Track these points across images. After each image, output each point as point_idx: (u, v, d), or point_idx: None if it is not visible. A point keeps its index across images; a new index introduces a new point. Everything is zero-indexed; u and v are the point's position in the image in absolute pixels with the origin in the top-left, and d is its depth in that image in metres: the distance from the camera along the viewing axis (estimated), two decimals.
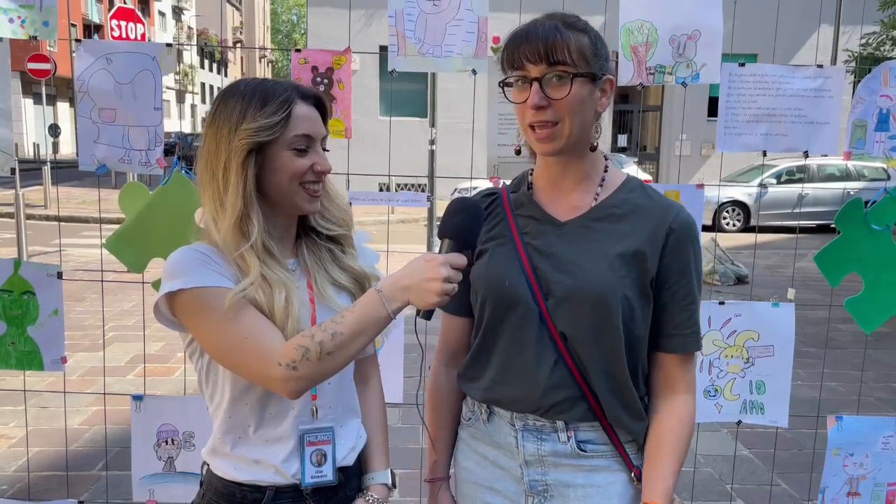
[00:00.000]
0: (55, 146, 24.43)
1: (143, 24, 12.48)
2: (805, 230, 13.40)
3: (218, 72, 61.02)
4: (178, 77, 48.27)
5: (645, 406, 1.41)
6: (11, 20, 2.20)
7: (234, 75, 61.52)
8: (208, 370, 1.37)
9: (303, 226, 1.44)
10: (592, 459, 1.38)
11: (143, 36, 12.64)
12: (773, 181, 14.06)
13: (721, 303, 2.44)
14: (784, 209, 13.76)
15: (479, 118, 2.65)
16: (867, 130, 2.33)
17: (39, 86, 17.77)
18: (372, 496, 1.46)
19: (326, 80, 2.32)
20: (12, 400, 4.28)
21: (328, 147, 1.42)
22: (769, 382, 2.44)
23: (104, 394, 2.73)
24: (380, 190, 13.65)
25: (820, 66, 2.33)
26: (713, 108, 2.51)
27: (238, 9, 64.77)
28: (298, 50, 2.32)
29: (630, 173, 1.48)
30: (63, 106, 31.66)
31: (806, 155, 2.39)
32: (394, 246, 2.99)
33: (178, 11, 52.01)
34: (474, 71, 2.30)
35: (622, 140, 19.11)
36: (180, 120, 49.41)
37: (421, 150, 11.32)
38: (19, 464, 3.71)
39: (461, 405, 1.55)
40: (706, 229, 12.17)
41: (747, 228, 13.93)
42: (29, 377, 2.82)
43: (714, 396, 2.45)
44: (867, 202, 2.37)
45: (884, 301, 2.37)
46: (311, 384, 1.29)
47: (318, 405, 1.39)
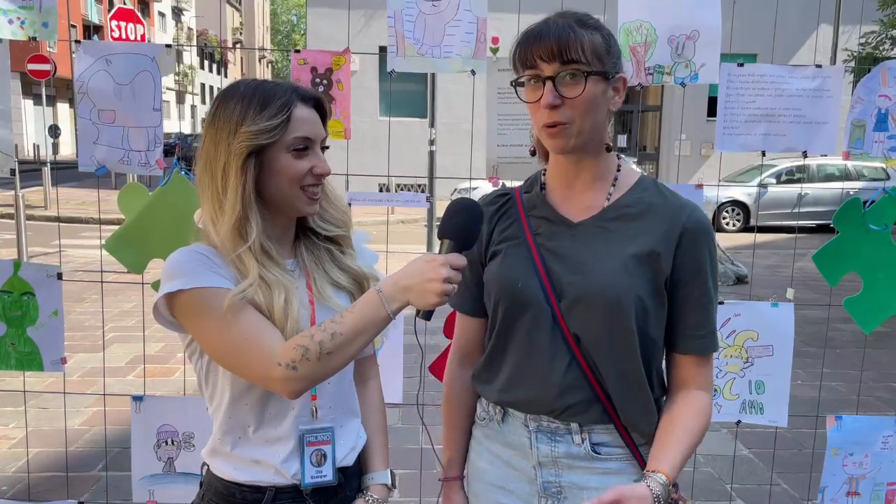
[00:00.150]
0: (55, 147, 24.43)
1: (143, 25, 12.49)
2: (804, 230, 13.40)
3: (218, 72, 61.03)
4: (178, 78, 48.29)
5: (660, 408, 1.39)
6: (11, 21, 2.21)
7: (234, 76, 61.55)
8: (208, 371, 1.37)
9: (301, 227, 1.44)
10: (606, 462, 1.37)
11: (143, 37, 12.64)
12: (773, 181, 14.07)
13: (721, 302, 2.44)
14: (783, 209, 13.77)
15: (479, 119, 2.65)
16: (866, 130, 2.33)
17: (39, 87, 17.76)
18: (372, 496, 1.46)
19: (326, 81, 2.32)
20: (12, 401, 4.29)
21: (328, 145, 1.42)
22: (768, 382, 2.45)
23: (104, 394, 2.74)
24: (379, 190, 13.68)
25: (819, 66, 2.33)
26: (713, 108, 2.50)
27: (238, 9, 64.79)
28: (298, 51, 2.33)
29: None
30: (63, 107, 31.66)
31: (805, 155, 2.40)
32: (393, 246, 2.99)
33: (178, 12, 52.01)
34: (473, 71, 2.30)
35: (622, 140, 19.11)
36: (180, 121, 49.38)
37: (420, 151, 11.34)
38: (19, 464, 3.71)
39: (475, 404, 1.54)
40: None
41: (747, 228, 13.93)
42: (29, 378, 2.82)
43: (713, 396, 2.45)
44: (866, 202, 2.37)
45: (882, 300, 2.37)
46: (311, 384, 1.29)
47: (318, 405, 1.39)
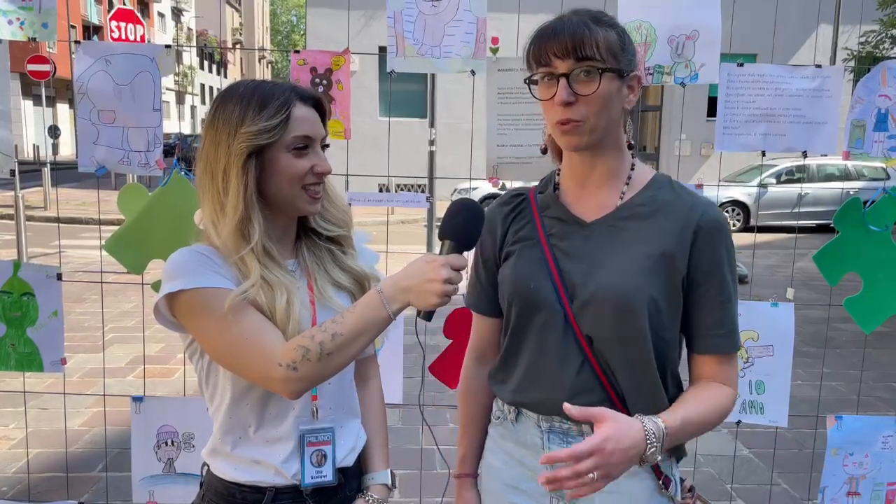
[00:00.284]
0: (55, 148, 24.43)
1: (143, 26, 12.48)
2: (804, 230, 13.40)
3: (217, 73, 61.05)
4: (178, 78, 48.29)
5: None
6: (11, 22, 2.21)
7: (234, 76, 61.55)
8: (208, 371, 1.37)
9: (302, 227, 1.44)
10: None
11: (143, 37, 12.64)
12: (773, 181, 14.07)
13: None
14: (783, 209, 13.77)
15: (479, 119, 2.65)
16: (866, 130, 2.33)
17: (39, 87, 17.77)
18: (372, 496, 1.46)
19: (325, 81, 2.32)
20: (12, 401, 4.28)
21: (328, 144, 1.42)
22: (769, 382, 2.44)
23: (104, 395, 2.73)
24: (379, 191, 13.68)
25: (818, 66, 2.33)
26: (712, 108, 2.50)
27: (237, 10, 64.79)
28: (297, 51, 2.33)
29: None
30: (63, 107, 31.66)
31: (805, 155, 2.39)
32: (393, 247, 2.99)
33: (178, 13, 52.00)
34: (473, 72, 2.30)
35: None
36: (180, 121, 49.40)
37: (420, 151, 11.34)
38: (19, 465, 3.71)
39: (491, 402, 1.54)
40: None
41: (747, 228, 13.93)
42: (29, 378, 2.82)
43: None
44: (866, 202, 2.37)
45: (883, 300, 2.37)
46: (312, 385, 1.29)
47: (319, 405, 1.39)
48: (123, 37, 11.82)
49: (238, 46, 61.44)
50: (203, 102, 55.78)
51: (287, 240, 1.41)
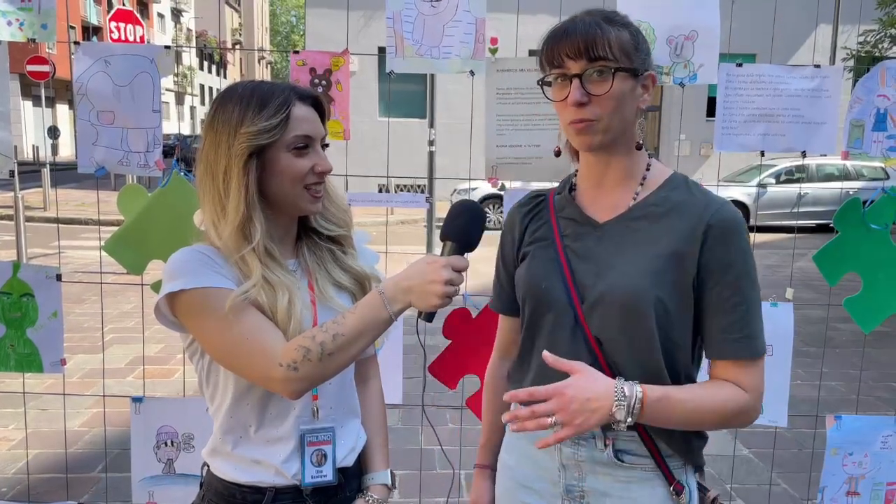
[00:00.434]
0: (54, 148, 24.41)
1: (142, 26, 12.48)
2: (804, 230, 13.41)
3: (217, 73, 61.04)
4: (177, 79, 48.29)
5: None
6: (10, 23, 2.21)
7: (233, 77, 61.58)
8: (209, 371, 1.37)
9: (303, 226, 1.44)
10: (630, 470, 1.34)
11: (142, 38, 12.64)
12: (772, 181, 14.07)
13: None
14: (783, 209, 13.77)
15: (478, 119, 2.65)
16: (864, 130, 2.34)
17: (38, 88, 17.75)
18: (372, 496, 1.46)
19: (325, 82, 2.32)
20: (12, 402, 4.28)
21: (328, 143, 1.42)
22: (768, 382, 2.43)
23: (104, 396, 2.73)
24: (379, 191, 13.67)
25: (817, 66, 2.33)
26: (712, 109, 2.50)
27: (237, 10, 64.79)
28: (297, 51, 2.33)
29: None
30: (62, 108, 31.65)
31: (804, 155, 2.40)
32: (393, 247, 2.99)
33: (177, 13, 52.00)
34: (472, 72, 2.30)
35: None
36: (179, 122, 49.42)
37: (420, 151, 11.33)
38: (19, 466, 3.70)
39: None
40: None
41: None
42: (28, 379, 2.82)
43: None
44: (865, 202, 2.37)
45: (882, 300, 2.38)
46: (312, 385, 1.29)
47: (319, 405, 1.39)
48: (123, 37, 11.82)
49: (237, 47, 61.44)
50: (202, 103, 55.79)
51: (288, 240, 1.41)
